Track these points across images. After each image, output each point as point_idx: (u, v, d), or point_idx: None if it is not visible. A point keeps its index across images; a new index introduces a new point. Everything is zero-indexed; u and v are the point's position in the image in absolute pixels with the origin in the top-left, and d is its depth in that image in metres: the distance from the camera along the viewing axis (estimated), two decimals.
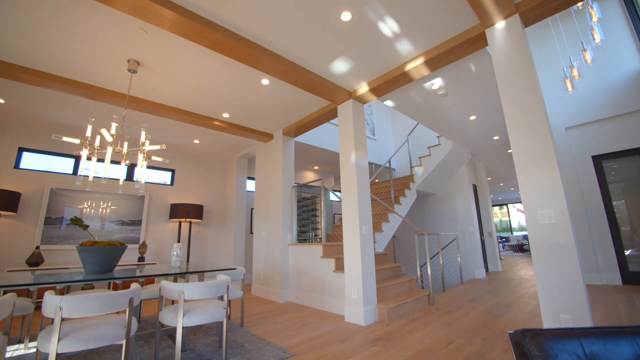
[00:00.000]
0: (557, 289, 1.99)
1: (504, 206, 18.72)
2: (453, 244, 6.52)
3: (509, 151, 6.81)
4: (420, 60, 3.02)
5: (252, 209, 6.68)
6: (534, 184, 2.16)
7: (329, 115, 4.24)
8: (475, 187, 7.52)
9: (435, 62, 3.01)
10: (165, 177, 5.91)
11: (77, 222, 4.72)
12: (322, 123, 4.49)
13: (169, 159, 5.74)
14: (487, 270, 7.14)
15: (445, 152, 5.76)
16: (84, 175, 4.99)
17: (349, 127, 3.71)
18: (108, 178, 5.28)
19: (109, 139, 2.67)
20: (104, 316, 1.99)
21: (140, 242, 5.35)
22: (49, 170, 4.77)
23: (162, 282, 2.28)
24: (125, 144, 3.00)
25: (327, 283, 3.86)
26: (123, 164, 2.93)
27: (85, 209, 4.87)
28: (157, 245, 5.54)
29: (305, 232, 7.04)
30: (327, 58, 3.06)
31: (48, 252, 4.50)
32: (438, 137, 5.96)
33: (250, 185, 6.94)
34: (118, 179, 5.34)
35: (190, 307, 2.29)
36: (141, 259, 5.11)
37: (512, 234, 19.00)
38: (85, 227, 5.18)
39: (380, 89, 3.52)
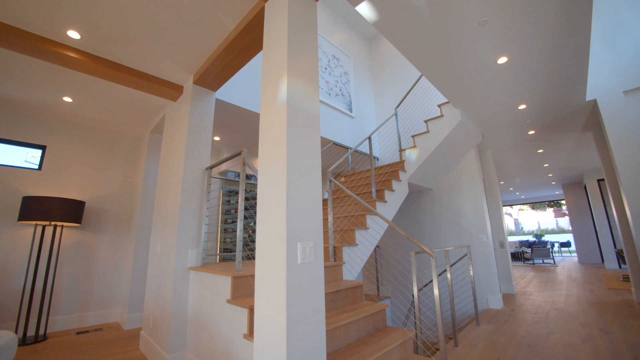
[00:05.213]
0: None
1: None
2: (462, 261, 4.69)
3: (530, 132, 5.09)
4: None
5: None
6: None
7: (259, 32, 2.32)
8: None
9: None
10: (28, 156, 3.83)
11: None
12: (253, 54, 2.56)
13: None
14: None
15: (451, 126, 3.95)
16: None
17: (281, 27, 1.77)
18: None
19: None
20: None
21: None
22: None
23: None
24: None
25: (233, 356, 1.90)
26: None
27: None
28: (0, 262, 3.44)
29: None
30: None
31: None
32: (440, 105, 4.14)
33: None
34: None
35: None
36: None
37: None
38: None
39: None
